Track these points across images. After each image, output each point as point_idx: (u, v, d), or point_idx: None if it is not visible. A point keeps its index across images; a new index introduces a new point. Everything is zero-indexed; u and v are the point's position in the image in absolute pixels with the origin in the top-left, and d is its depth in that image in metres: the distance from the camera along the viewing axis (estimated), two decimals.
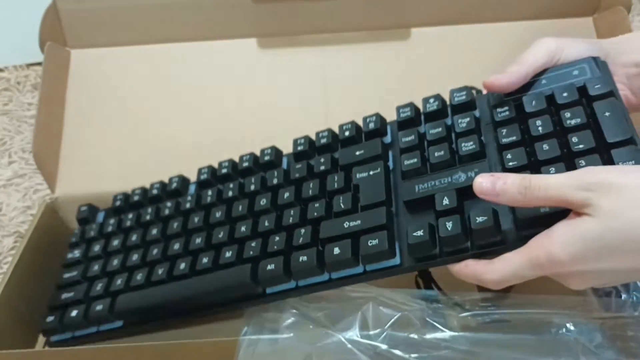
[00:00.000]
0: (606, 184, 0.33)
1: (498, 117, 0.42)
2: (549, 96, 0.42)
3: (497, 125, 0.42)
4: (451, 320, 0.40)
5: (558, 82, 0.42)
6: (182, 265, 0.47)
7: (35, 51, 0.63)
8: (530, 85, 0.43)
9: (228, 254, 0.45)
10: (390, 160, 0.46)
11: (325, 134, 0.49)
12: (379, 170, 0.44)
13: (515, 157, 0.39)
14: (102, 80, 0.65)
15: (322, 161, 0.47)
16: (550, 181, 0.35)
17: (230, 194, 0.50)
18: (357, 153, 0.46)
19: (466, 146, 0.42)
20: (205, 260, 0.46)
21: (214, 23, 0.64)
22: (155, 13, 0.64)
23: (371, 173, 0.45)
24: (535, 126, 0.40)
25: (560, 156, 0.38)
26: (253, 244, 0.45)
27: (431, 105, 0.46)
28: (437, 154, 0.43)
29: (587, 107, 0.40)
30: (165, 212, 0.52)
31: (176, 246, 0.49)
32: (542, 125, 0.40)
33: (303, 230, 0.44)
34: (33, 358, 0.48)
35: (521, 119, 0.42)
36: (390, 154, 0.46)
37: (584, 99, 0.40)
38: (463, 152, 0.42)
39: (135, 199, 0.55)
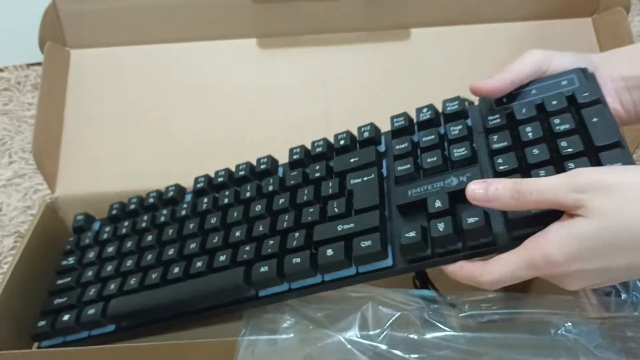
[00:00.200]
0: (597, 184, 0.33)
1: (489, 125, 0.43)
2: (539, 105, 0.43)
3: (489, 132, 0.43)
4: (451, 320, 0.40)
5: (547, 92, 0.43)
6: (176, 270, 0.47)
7: (35, 51, 0.63)
8: (521, 95, 0.44)
9: (222, 258, 0.46)
10: (384, 168, 0.47)
11: (321, 143, 0.50)
12: (372, 176, 0.45)
13: (506, 162, 0.40)
14: (102, 80, 0.65)
15: (317, 168, 0.48)
16: (541, 184, 0.35)
17: (225, 201, 0.50)
18: (352, 160, 0.47)
19: (458, 152, 0.43)
20: (199, 264, 0.46)
21: (214, 23, 0.65)
22: (155, 13, 0.64)
23: (365, 179, 0.45)
24: (526, 132, 0.41)
25: (550, 160, 0.39)
26: (247, 248, 0.45)
27: (424, 115, 0.47)
28: (430, 160, 0.43)
29: (576, 114, 0.41)
30: (161, 220, 0.52)
31: (171, 251, 0.49)
32: (532, 131, 0.41)
33: (297, 234, 0.44)
34: (34, 358, 0.47)
35: (512, 126, 0.43)
36: (384, 163, 0.47)
37: (573, 107, 0.42)
38: (455, 158, 0.42)
39: (131, 207, 0.55)
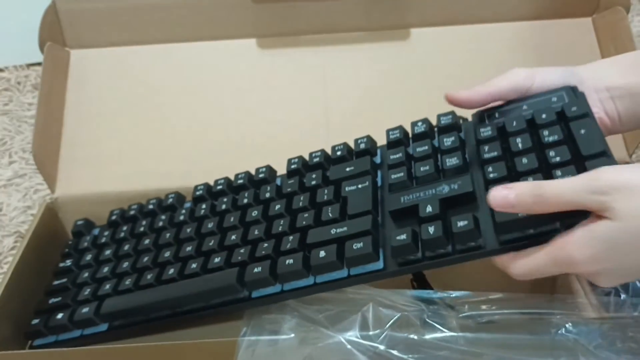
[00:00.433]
0: (619, 185, 0.33)
1: (481, 136, 0.45)
2: (529, 119, 0.44)
3: (480, 143, 0.44)
4: (450, 321, 0.40)
5: (537, 108, 0.45)
6: (171, 271, 0.48)
7: (35, 51, 0.64)
8: (512, 111, 0.46)
9: (217, 260, 0.46)
10: (379, 178, 0.48)
11: (319, 154, 0.51)
12: (367, 184, 0.46)
13: (495, 170, 0.41)
14: (102, 81, 0.66)
15: (314, 177, 0.49)
16: (562, 186, 0.35)
17: (223, 207, 0.51)
18: (347, 169, 0.48)
19: (450, 161, 0.44)
20: (194, 265, 0.47)
21: (214, 23, 0.65)
22: (155, 13, 0.65)
23: (359, 186, 0.46)
24: (516, 143, 0.42)
25: (538, 168, 0.40)
26: (242, 250, 0.46)
27: (419, 128, 0.49)
28: (423, 169, 0.45)
29: (564, 127, 0.42)
30: (159, 224, 0.53)
31: (167, 254, 0.50)
32: (522, 142, 0.42)
33: (291, 237, 0.45)
34: (35, 357, 0.48)
35: (502, 138, 0.44)
36: (379, 173, 0.49)
37: (562, 120, 0.43)
38: (447, 167, 0.44)
39: (130, 213, 0.56)
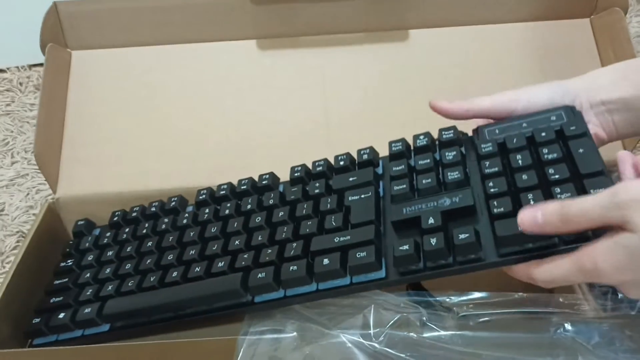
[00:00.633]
0: (638, 198, 0.34)
1: (482, 152, 0.46)
2: (529, 137, 0.46)
3: (481, 158, 0.46)
4: (450, 321, 0.41)
5: (537, 126, 0.46)
6: (174, 274, 0.48)
7: (37, 52, 0.64)
8: (512, 128, 0.48)
9: (220, 264, 0.47)
10: (381, 189, 0.49)
11: (322, 163, 0.53)
12: (370, 194, 0.47)
13: (496, 185, 0.43)
14: (103, 82, 0.66)
15: (317, 185, 0.50)
16: (586, 205, 0.36)
17: (226, 212, 0.52)
18: (351, 179, 0.49)
19: (452, 175, 0.45)
20: (197, 269, 0.48)
21: (214, 25, 0.66)
22: (155, 15, 0.65)
23: (362, 196, 0.48)
24: (516, 159, 0.44)
25: (538, 184, 0.42)
26: (245, 256, 0.47)
27: (421, 141, 0.50)
28: (425, 181, 0.46)
29: (563, 146, 0.44)
30: (162, 227, 0.54)
31: (170, 257, 0.50)
32: (522, 158, 0.44)
33: (295, 244, 0.46)
34: (34, 356, 0.48)
35: (503, 154, 0.45)
36: (381, 184, 0.50)
37: (561, 139, 0.45)
38: (449, 180, 0.45)
39: (132, 215, 0.57)
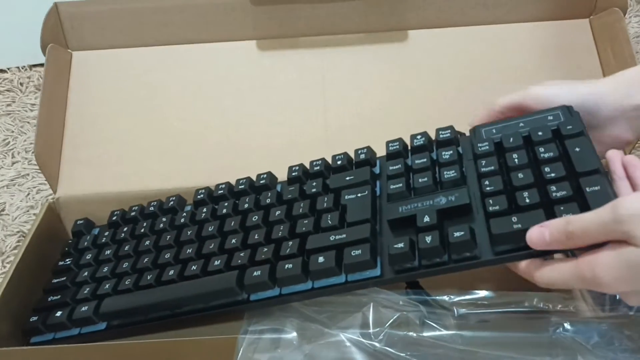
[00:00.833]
0: (638, 213, 0.34)
1: (478, 151, 0.46)
2: (526, 136, 0.46)
3: (477, 157, 0.46)
4: (449, 320, 0.41)
5: (534, 125, 0.46)
6: (171, 272, 0.48)
7: (38, 53, 0.65)
8: (509, 128, 0.47)
9: (217, 262, 0.47)
10: (378, 188, 0.49)
11: (319, 162, 0.53)
12: (366, 193, 0.47)
13: (492, 184, 0.43)
14: (104, 82, 0.66)
15: (314, 185, 0.50)
16: (587, 221, 0.36)
17: (224, 211, 0.52)
18: (347, 178, 0.49)
19: (448, 174, 0.45)
20: (194, 267, 0.48)
21: (214, 25, 0.66)
22: (155, 15, 0.66)
23: (359, 195, 0.48)
24: (512, 158, 0.44)
25: (533, 183, 0.41)
26: (241, 254, 0.47)
27: (418, 141, 0.50)
28: (421, 180, 0.46)
29: (560, 145, 0.44)
30: (160, 226, 0.54)
31: (167, 255, 0.50)
32: (518, 157, 0.44)
33: (290, 242, 0.46)
34: (30, 355, 0.48)
35: (499, 153, 0.45)
36: (378, 183, 0.50)
37: (557, 138, 0.45)
38: (445, 179, 0.45)
39: (131, 215, 0.57)
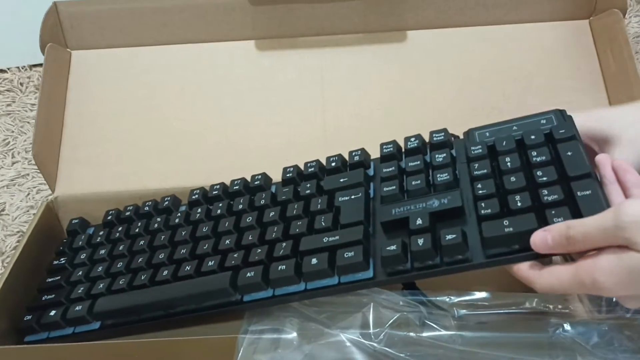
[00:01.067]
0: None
1: (471, 154, 0.46)
2: (519, 140, 0.46)
3: (470, 160, 0.46)
4: (449, 320, 0.41)
5: (527, 129, 0.47)
6: (165, 272, 0.49)
7: (38, 52, 0.65)
8: (502, 131, 0.48)
9: (211, 263, 0.47)
10: (372, 190, 0.49)
11: (313, 164, 0.53)
12: (360, 195, 0.48)
13: (484, 187, 0.43)
14: (103, 82, 0.66)
15: (308, 186, 0.51)
16: (588, 226, 0.36)
17: (218, 212, 0.52)
18: (341, 180, 0.50)
19: (441, 177, 0.46)
20: (187, 267, 0.48)
21: (213, 25, 0.66)
22: (154, 15, 0.66)
23: (352, 197, 0.48)
24: (505, 162, 0.44)
25: (525, 187, 0.42)
26: (235, 255, 0.47)
27: (412, 144, 0.50)
28: (414, 183, 0.46)
29: (552, 149, 0.44)
30: (154, 226, 0.54)
31: (161, 256, 0.50)
32: (511, 161, 0.44)
33: (284, 244, 0.46)
34: (24, 353, 0.49)
35: (492, 156, 0.46)
36: (372, 185, 0.50)
37: (550, 142, 0.45)
38: (438, 182, 0.45)
39: (126, 214, 0.57)
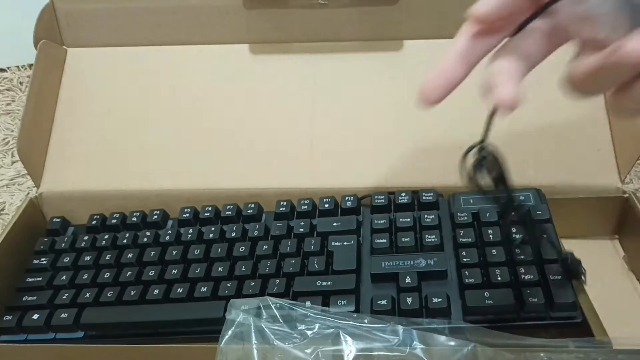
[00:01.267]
0: None
1: (457, 220, 0.51)
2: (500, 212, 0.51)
3: (457, 226, 0.51)
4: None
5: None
6: (156, 291, 0.50)
7: None
8: (485, 200, 0.53)
9: (203, 289, 0.50)
10: (361, 237, 0.53)
11: (307, 202, 0.56)
12: (352, 243, 0.51)
13: (468, 255, 0.48)
14: (96, 80, 0.66)
15: (302, 224, 0.54)
16: None
17: (210, 236, 0.54)
18: (335, 224, 0.53)
19: (429, 238, 0.50)
20: (180, 290, 0.50)
21: (207, 28, 0.65)
22: (148, 16, 0.65)
23: (345, 243, 0.51)
24: (487, 234, 0.49)
25: (505, 262, 0.47)
26: (229, 284, 0.50)
27: (402, 198, 0.54)
28: (404, 240, 0.50)
29: (530, 228, 0.50)
30: (143, 240, 0.55)
31: (151, 272, 0.52)
32: (493, 234, 0.49)
33: (278, 281, 0.49)
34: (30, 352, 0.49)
35: (477, 223, 0.51)
36: (361, 232, 0.54)
37: (527, 221, 0.50)
38: (426, 243, 0.50)
39: (112, 222, 0.58)
